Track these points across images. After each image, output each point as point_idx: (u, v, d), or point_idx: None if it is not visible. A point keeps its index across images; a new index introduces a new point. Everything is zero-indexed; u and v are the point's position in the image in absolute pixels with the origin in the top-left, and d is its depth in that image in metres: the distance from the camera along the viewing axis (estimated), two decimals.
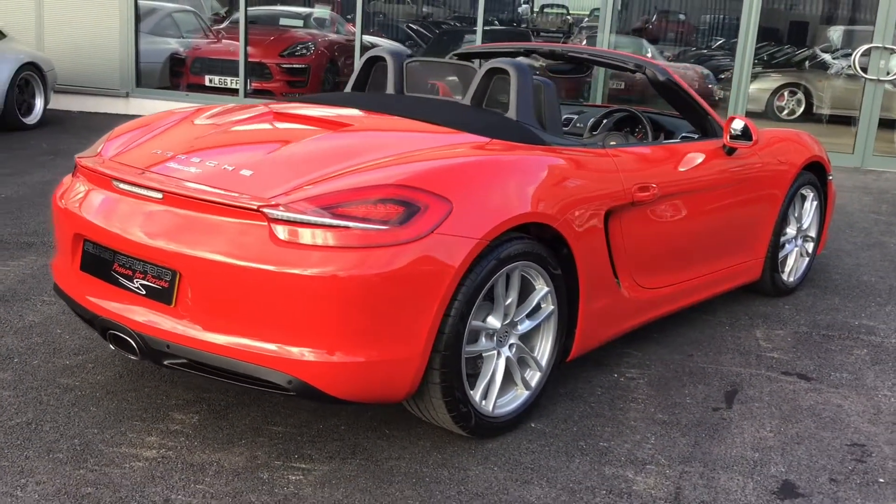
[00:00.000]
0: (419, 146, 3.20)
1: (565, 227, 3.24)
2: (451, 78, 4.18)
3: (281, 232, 2.71)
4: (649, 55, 12.04)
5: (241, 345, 2.74)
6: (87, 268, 3.14)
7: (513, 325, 3.19)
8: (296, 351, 2.71)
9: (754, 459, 3.16)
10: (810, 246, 5.18)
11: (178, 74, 11.91)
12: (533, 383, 3.30)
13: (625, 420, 3.40)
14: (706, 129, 4.35)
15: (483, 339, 3.09)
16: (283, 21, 12.72)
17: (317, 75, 11.77)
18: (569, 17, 12.26)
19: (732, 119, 4.18)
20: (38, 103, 9.79)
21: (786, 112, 11.67)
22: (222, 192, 2.82)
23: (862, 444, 3.33)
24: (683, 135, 4.49)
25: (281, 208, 2.72)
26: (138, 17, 11.38)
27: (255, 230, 2.74)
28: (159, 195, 2.91)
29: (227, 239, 2.76)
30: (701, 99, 4.33)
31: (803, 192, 4.95)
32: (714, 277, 4.35)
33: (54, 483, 2.77)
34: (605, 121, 4.69)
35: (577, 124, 4.85)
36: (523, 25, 11.69)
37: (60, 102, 11.04)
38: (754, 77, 11.80)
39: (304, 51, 11.78)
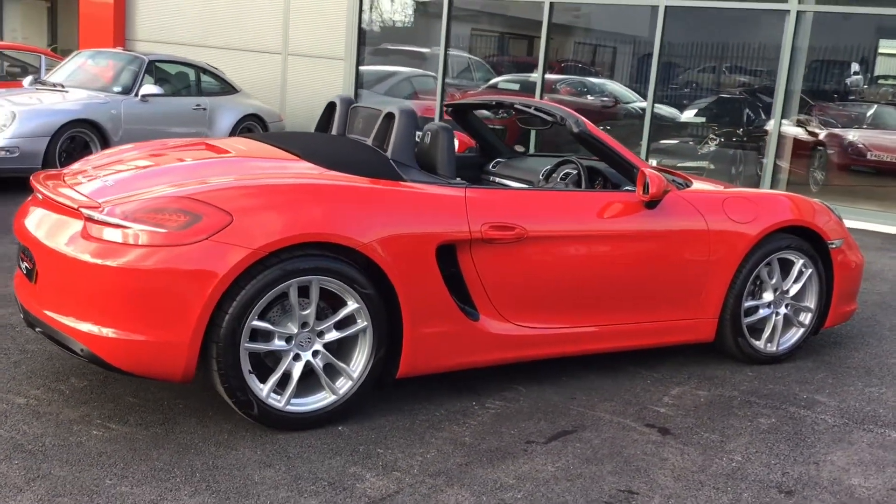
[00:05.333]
0: (250, 171, 3.76)
1: (376, 252, 3.59)
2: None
3: (89, 229, 3.40)
4: None
5: (58, 317, 3.45)
6: (18, 257, 4.03)
7: (318, 333, 3.60)
8: (88, 326, 3.36)
9: (504, 484, 3.29)
10: (805, 317, 4.90)
11: None
12: (342, 391, 3.66)
13: (429, 438, 3.64)
14: (633, 180, 4.42)
15: (276, 340, 3.54)
16: (501, 85, 13.64)
17: (513, 134, 12.51)
18: None
19: (644, 174, 4.24)
20: None
21: None
22: (69, 196, 3.57)
23: (627, 490, 3.31)
24: (626, 188, 4.56)
25: (93, 211, 3.40)
26: (359, 81, 12.80)
27: (76, 227, 3.45)
28: (41, 197, 3.73)
29: (60, 232, 3.50)
30: (627, 152, 4.41)
31: (787, 257, 4.75)
32: (632, 329, 4.37)
33: None
34: (559, 169, 4.89)
35: (541, 174, 5.07)
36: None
37: None
38: None
39: (505, 114, 12.52)
